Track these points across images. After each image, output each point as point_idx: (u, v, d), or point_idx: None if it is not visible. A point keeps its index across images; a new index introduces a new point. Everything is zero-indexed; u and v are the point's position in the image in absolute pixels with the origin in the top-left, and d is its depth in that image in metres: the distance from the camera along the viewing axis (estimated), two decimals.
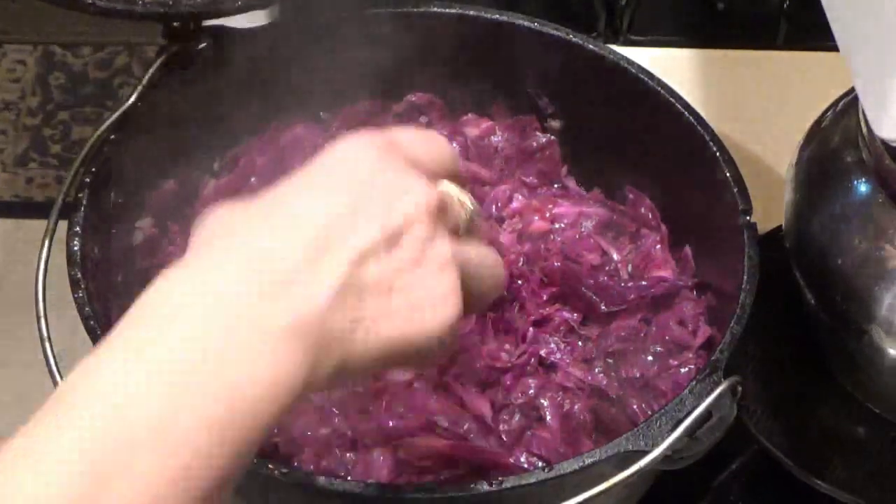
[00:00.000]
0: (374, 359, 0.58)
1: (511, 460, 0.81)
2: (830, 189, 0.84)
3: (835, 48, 0.76)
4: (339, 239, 0.56)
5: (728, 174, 0.86)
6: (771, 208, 0.90)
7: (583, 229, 0.96)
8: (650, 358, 0.88)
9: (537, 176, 0.99)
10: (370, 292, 0.57)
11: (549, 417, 0.84)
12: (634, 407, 0.86)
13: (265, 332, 0.53)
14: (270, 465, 0.70)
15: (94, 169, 0.86)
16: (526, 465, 0.81)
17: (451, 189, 0.64)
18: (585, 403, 0.85)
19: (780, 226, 0.90)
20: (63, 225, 0.83)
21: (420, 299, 0.59)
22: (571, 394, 0.86)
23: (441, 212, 0.61)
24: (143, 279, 0.89)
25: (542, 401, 0.85)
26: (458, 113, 1.02)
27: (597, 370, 0.88)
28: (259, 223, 0.57)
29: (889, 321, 0.80)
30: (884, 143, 0.77)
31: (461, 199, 0.64)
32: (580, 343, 0.89)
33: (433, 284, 0.59)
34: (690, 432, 0.72)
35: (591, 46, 0.95)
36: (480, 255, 0.64)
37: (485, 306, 0.66)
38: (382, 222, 0.58)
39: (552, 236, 0.95)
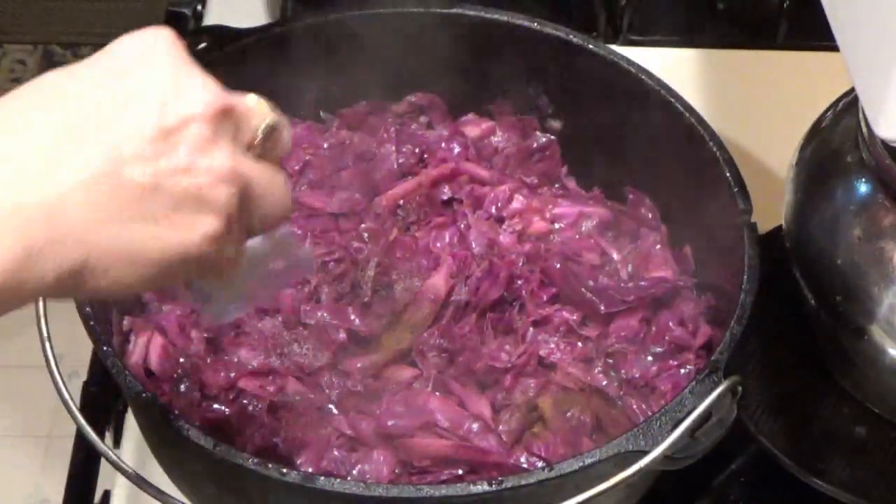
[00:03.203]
0: (124, 265, 0.55)
1: (511, 460, 0.81)
2: (830, 189, 0.84)
3: (835, 48, 0.76)
4: (101, 130, 0.54)
5: (728, 174, 0.86)
6: (771, 208, 0.90)
7: (583, 229, 0.96)
8: (650, 358, 0.88)
9: (538, 176, 0.99)
10: (127, 193, 0.54)
11: (549, 417, 0.84)
12: (634, 407, 0.86)
13: None
14: (270, 465, 0.70)
15: None
16: (526, 465, 0.81)
17: (250, 98, 0.60)
18: (585, 403, 0.85)
19: (780, 226, 0.90)
20: None
21: (181, 207, 0.55)
22: (571, 394, 0.86)
23: (228, 118, 0.57)
24: None
25: (542, 401, 0.85)
26: (458, 113, 1.02)
27: (597, 370, 0.88)
28: (24, 101, 0.54)
29: (889, 321, 0.80)
30: (884, 143, 0.77)
31: (262, 109, 0.60)
32: (580, 343, 0.89)
33: (198, 196, 0.56)
34: (690, 432, 0.72)
35: (591, 46, 0.95)
36: (267, 178, 0.60)
37: (266, 230, 0.62)
38: (154, 120, 0.54)
39: (552, 237, 0.95)
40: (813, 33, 1.10)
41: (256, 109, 0.60)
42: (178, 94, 0.56)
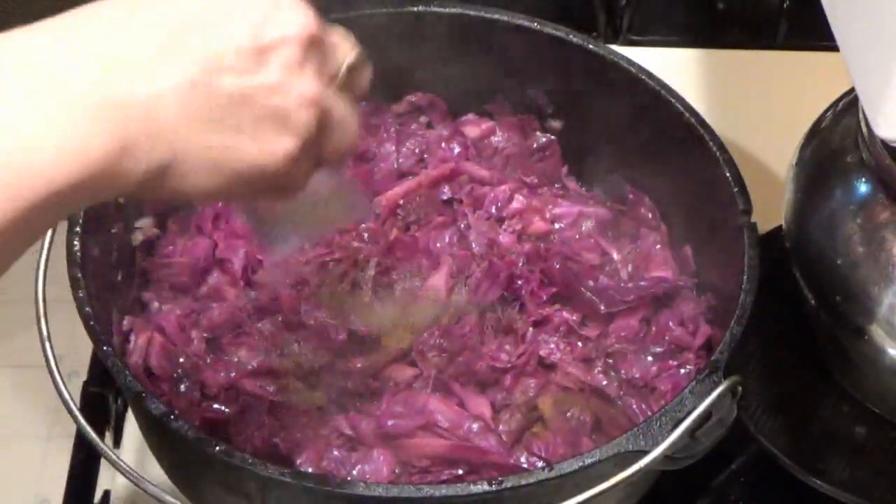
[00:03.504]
0: (205, 171, 0.57)
1: (511, 460, 0.81)
2: (830, 189, 0.84)
3: (835, 48, 0.76)
4: (200, 38, 0.56)
5: (728, 174, 0.86)
6: (771, 208, 0.90)
7: (583, 229, 0.96)
8: (650, 358, 0.88)
9: (538, 176, 0.99)
10: (218, 101, 0.56)
11: (548, 417, 0.84)
12: (634, 407, 0.86)
13: (70, 97, 0.51)
14: (270, 465, 0.70)
15: None
16: (526, 465, 0.81)
17: (340, 33, 0.62)
18: (585, 403, 0.85)
19: (780, 226, 0.90)
20: (63, 225, 0.83)
21: (266, 123, 0.57)
22: (571, 394, 0.86)
23: (318, 46, 0.59)
24: (143, 279, 0.90)
25: (542, 401, 0.85)
26: (458, 113, 1.02)
27: (596, 370, 0.88)
28: (124, 9, 0.56)
29: (889, 321, 0.80)
30: (884, 143, 0.77)
31: (348, 45, 0.62)
32: (580, 343, 0.89)
33: (284, 115, 0.58)
34: (690, 432, 0.72)
35: (591, 46, 0.95)
36: (343, 111, 0.62)
37: (333, 162, 0.65)
38: (251, 35, 0.57)
39: (552, 236, 0.95)
40: (813, 33, 1.10)
41: (343, 44, 0.62)
42: (276, 14, 0.58)
